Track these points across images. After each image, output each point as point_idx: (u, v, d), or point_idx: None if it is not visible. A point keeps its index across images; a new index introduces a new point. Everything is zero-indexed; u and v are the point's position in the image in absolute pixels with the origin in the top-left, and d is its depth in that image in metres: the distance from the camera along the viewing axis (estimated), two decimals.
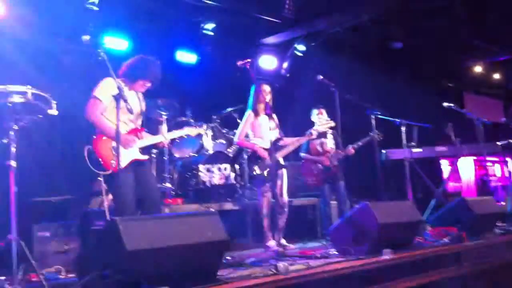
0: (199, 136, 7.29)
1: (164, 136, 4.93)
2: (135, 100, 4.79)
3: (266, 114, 6.08)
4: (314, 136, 6.28)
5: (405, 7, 8.43)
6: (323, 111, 7.05)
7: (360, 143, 6.86)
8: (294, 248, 5.73)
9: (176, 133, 5.17)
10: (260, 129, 6.12)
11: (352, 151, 6.89)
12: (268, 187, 5.91)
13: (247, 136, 6.24)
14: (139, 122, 4.84)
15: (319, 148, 7.06)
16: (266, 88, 6.12)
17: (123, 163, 4.46)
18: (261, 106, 6.12)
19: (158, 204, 4.80)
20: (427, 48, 10.14)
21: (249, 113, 6.18)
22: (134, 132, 4.73)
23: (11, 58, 6.89)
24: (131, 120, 4.72)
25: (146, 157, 4.79)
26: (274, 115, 6.20)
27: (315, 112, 7.09)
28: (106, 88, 4.52)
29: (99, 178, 4.49)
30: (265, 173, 5.94)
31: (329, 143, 7.09)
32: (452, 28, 9.48)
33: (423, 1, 8.31)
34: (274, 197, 5.89)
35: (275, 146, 5.87)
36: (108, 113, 4.56)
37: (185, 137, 6.55)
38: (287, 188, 6.12)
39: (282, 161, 6.14)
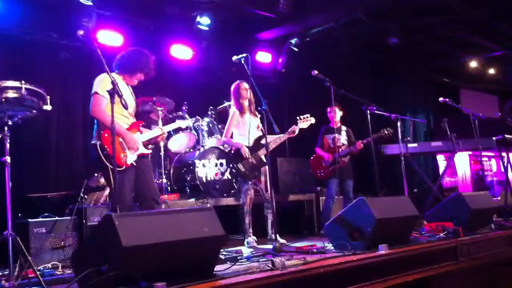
0: (196, 131, 7.30)
1: (161, 128, 4.98)
2: (129, 95, 4.80)
3: (251, 112, 6.15)
4: (295, 134, 6.33)
5: (401, 3, 8.43)
6: (336, 108, 7.09)
7: (369, 139, 6.88)
8: (286, 243, 5.75)
9: (171, 126, 5.30)
10: (244, 127, 6.18)
11: (361, 145, 6.96)
12: (250, 185, 6.02)
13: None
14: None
15: (330, 143, 7.14)
16: (245, 85, 6.15)
17: (130, 159, 4.55)
18: (245, 104, 6.18)
19: (154, 199, 4.79)
20: (423, 43, 10.15)
21: (234, 111, 6.23)
22: (136, 126, 4.76)
23: (4, 53, 6.86)
24: (130, 113, 4.75)
25: (149, 151, 4.83)
26: (257, 113, 6.24)
27: (327, 110, 7.15)
28: (105, 83, 4.48)
29: (95, 174, 4.49)
30: (247, 172, 6.03)
31: (342, 138, 7.17)
32: (447, 24, 9.48)
33: None
34: (261, 193, 6.00)
35: (258, 144, 5.96)
36: (108, 108, 4.45)
37: (180, 132, 6.62)
38: (276, 184, 6.22)
39: (264, 159, 6.15)
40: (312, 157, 7.36)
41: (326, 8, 8.54)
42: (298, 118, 6.39)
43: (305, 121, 6.39)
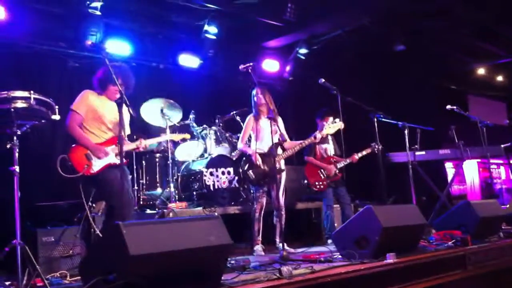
0: (203, 139, 7.31)
1: (142, 141, 5.17)
2: (113, 109, 4.94)
3: (269, 117, 6.09)
4: (317, 140, 6.29)
5: (407, 10, 8.43)
6: (330, 118, 7.05)
7: (364, 153, 6.89)
8: (294, 251, 5.73)
9: (156, 139, 5.69)
10: (261, 133, 6.15)
11: (356, 159, 6.91)
12: (263, 193, 6.01)
13: (250, 139, 6.30)
14: (121, 131, 4.93)
15: (323, 153, 7.07)
16: (262, 91, 6.13)
17: (97, 167, 4.80)
18: (262, 110, 6.16)
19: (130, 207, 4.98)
20: (430, 50, 10.13)
21: (249, 117, 6.24)
22: (113, 140, 4.96)
23: (13, 63, 6.92)
24: (110, 128, 5.00)
25: (117, 161, 4.94)
26: (279, 119, 6.19)
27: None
28: (83, 100, 4.92)
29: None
30: (256, 180, 5.99)
31: (331, 149, 7.11)
32: (455, 30, 9.47)
33: (425, 3, 8.30)
34: (271, 201, 5.97)
35: (275, 150, 5.93)
36: (87, 122, 4.91)
37: (187, 141, 6.63)
38: (286, 192, 6.19)
39: (282, 165, 6.15)
40: (307, 168, 7.13)
41: (332, 15, 8.56)
42: (324, 123, 6.41)
43: (332, 127, 6.35)
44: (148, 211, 6.58)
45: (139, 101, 6.84)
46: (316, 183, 6.94)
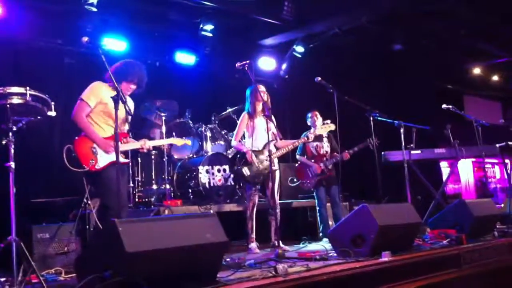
0: (199, 137, 7.30)
1: (146, 142, 5.06)
2: (122, 106, 4.83)
3: (264, 115, 6.08)
4: (310, 140, 6.31)
5: (404, 8, 8.43)
6: (317, 113, 7.05)
7: (356, 149, 6.88)
8: (290, 250, 5.74)
9: (159, 142, 5.62)
10: (255, 131, 6.14)
11: (348, 156, 6.88)
12: (255, 191, 6.01)
13: (244, 137, 6.30)
14: (125, 127, 4.92)
15: (314, 152, 7.05)
16: (262, 87, 6.13)
17: (102, 163, 4.64)
18: (258, 107, 6.15)
19: (122, 205, 4.84)
20: (427, 50, 10.14)
21: (244, 114, 6.22)
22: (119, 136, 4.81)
23: (10, 59, 6.89)
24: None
25: (126, 160, 4.86)
26: (272, 117, 6.19)
27: (308, 115, 7.10)
28: (94, 92, 4.71)
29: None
30: (250, 178, 6.00)
31: (324, 146, 7.09)
32: (451, 30, 9.48)
33: (422, 3, 8.31)
34: (266, 199, 5.98)
35: (269, 148, 5.92)
36: (94, 115, 4.73)
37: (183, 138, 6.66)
38: (280, 190, 6.21)
39: (276, 164, 6.14)
40: (297, 167, 7.20)
41: (329, 14, 8.56)
42: (315, 118, 6.42)
43: (323, 127, 6.37)
44: (144, 208, 6.57)
45: (136, 99, 6.82)
46: (303, 182, 6.99)
